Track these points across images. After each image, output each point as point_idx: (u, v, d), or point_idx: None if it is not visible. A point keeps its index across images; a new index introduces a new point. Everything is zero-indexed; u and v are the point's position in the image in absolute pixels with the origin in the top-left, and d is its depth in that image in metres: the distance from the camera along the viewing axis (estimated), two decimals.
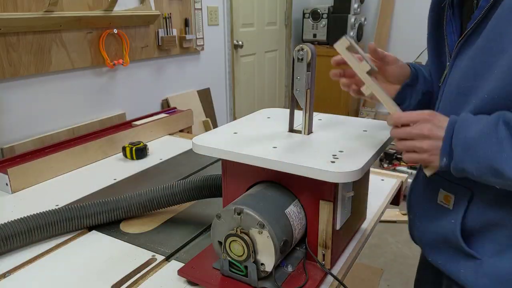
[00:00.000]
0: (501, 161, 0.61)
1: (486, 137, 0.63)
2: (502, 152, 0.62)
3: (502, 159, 0.61)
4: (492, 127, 0.63)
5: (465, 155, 0.65)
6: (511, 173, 0.61)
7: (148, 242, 0.96)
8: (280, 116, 1.03)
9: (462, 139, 0.65)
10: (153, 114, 1.86)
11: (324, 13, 3.73)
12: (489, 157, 0.63)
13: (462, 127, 0.66)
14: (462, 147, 0.65)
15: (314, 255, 0.81)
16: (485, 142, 0.63)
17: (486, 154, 0.63)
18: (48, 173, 1.33)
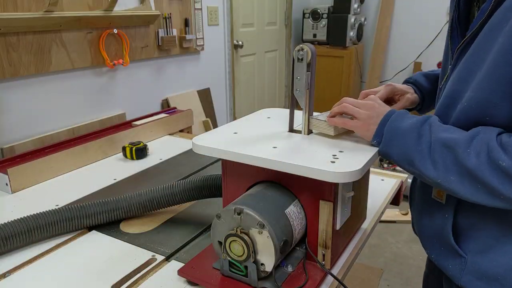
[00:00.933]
0: (415, 153, 0.71)
1: (411, 131, 0.72)
2: (418, 146, 0.71)
3: (416, 152, 0.71)
4: (419, 124, 0.73)
5: (391, 141, 0.75)
6: (419, 164, 0.71)
7: (148, 242, 0.96)
8: (280, 116, 1.03)
9: (393, 128, 0.75)
10: (153, 114, 1.86)
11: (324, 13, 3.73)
12: (408, 148, 0.72)
13: (397, 118, 0.76)
14: (391, 134, 0.75)
15: (314, 255, 0.81)
16: (409, 135, 0.72)
17: (406, 144, 0.72)
18: (48, 173, 1.33)
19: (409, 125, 0.73)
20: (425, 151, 0.70)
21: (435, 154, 0.69)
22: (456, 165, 0.66)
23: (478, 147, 0.65)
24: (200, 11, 2.42)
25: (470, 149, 0.65)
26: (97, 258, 0.91)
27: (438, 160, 0.68)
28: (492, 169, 0.63)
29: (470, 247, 0.76)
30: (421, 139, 0.71)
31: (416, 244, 2.45)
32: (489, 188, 0.64)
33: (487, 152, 0.64)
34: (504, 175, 0.62)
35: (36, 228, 0.93)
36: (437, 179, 0.69)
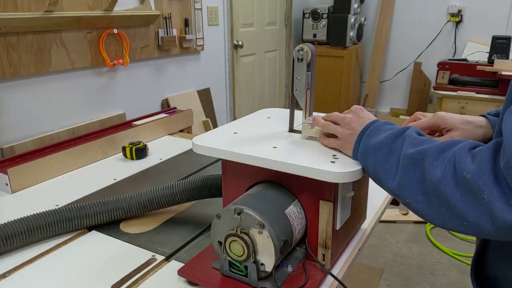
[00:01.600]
0: (382, 171, 0.66)
1: (381, 147, 0.67)
2: (385, 163, 0.66)
3: (383, 170, 0.66)
4: (391, 138, 0.67)
5: (362, 159, 0.71)
6: (386, 183, 0.66)
7: (148, 242, 0.96)
8: (280, 116, 1.03)
9: (366, 144, 0.71)
10: (153, 114, 1.86)
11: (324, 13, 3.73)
12: (376, 165, 0.68)
13: (370, 133, 0.71)
14: (361, 152, 0.71)
15: (314, 255, 0.81)
16: (379, 151, 0.68)
17: (375, 161, 0.68)
18: (48, 173, 1.33)
19: (380, 141, 0.68)
20: (392, 169, 0.64)
21: (402, 171, 0.63)
22: (421, 181, 0.60)
23: (447, 159, 0.57)
24: (200, 11, 2.42)
25: (437, 161, 0.58)
26: (97, 258, 0.91)
27: (404, 177, 0.62)
28: (455, 182, 0.54)
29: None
30: (391, 156, 0.65)
31: (416, 244, 2.45)
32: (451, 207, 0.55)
33: (454, 164, 0.55)
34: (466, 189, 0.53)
35: (36, 228, 0.93)
36: (404, 199, 0.63)
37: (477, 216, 0.52)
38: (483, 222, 0.51)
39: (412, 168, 0.62)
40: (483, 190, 0.50)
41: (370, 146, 0.69)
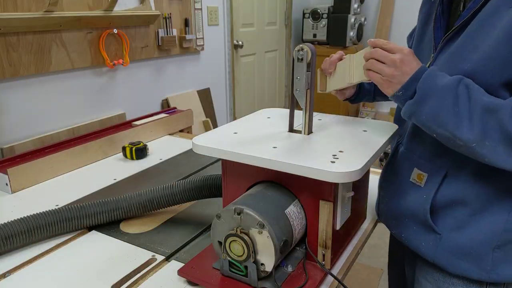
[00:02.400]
0: (451, 116, 0.69)
1: (448, 91, 0.70)
2: (455, 107, 0.69)
3: (453, 114, 0.69)
4: (455, 84, 0.70)
5: (425, 98, 0.71)
6: (453, 127, 0.69)
7: (148, 242, 0.96)
8: (280, 116, 1.04)
9: (430, 84, 0.71)
10: (153, 114, 1.87)
11: (324, 13, 3.73)
12: (443, 108, 0.70)
13: (431, 75, 0.72)
14: (428, 91, 0.71)
15: (314, 255, 0.81)
16: (446, 95, 0.70)
17: (442, 105, 0.70)
18: (48, 173, 1.33)
19: (445, 84, 0.70)
20: (462, 114, 0.68)
21: (474, 117, 0.67)
22: (497, 130, 0.66)
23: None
24: (200, 11, 2.41)
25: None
26: (97, 258, 0.91)
27: (477, 123, 0.67)
28: None
29: (446, 225, 0.80)
30: (459, 101, 0.69)
31: None
32: None
33: None
34: None
35: (36, 228, 0.93)
36: (471, 143, 0.68)
37: None
38: None
39: (486, 116, 0.67)
40: None
41: (437, 88, 0.70)
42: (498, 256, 0.75)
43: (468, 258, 0.77)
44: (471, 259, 0.77)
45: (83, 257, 0.91)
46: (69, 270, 0.87)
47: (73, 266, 0.88)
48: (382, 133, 0.89)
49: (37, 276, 0.85)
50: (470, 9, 0.75)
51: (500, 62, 0.68)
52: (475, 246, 0.76)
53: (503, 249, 0.75)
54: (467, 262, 0.77)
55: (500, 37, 0.68)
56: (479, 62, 0.71)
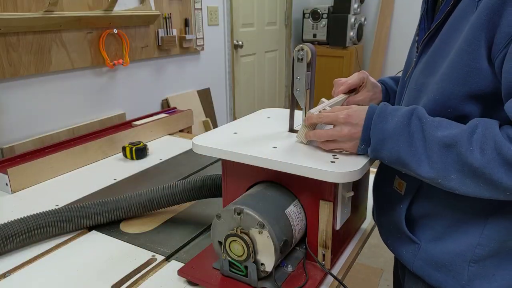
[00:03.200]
0: (408, 156, 0.67)
1: (400, 132, 0.68)
2: (411, 147, 0.67)
3: (410, 154, 0.67)
4: (406, 121, 0.68)
5: (380, 145, 0.70)
6: (414, 166, 0.67)
7: (148, 242, 0.96)
8: (280, 116, 1.03)
9: (380, 130, 0.70)
10: (153, 114, 1.87)
11: (324, 13, 3.73)
12: (399, 151, 0.68)
13: (380, 118, 0.70)
14: (378, 138, 0.70)
15: (314, 255, 0.81)
16: (398, 137, 0.68)
17: (397, 147, 0.68)
18: (48, 173, 1.33)
19: (395, 125, 0.68)
20: (419, 152, 0.66)
21: (432, 154, 0.65)
22: (457, 163, 0.63)
23: (481, 143, 0.62)
24: (200, 11, 2.41)
25: (472, 146, 0.62)
26: (97, 258, 0.91)
27: (437, 160, 0.65)
28: (501, 165, 0.60)
29: (424, 235, 0.79)
30: (413, 139, 0.67)
31: None
32: (495, 184, 0.61)
33: (494, 148, 0.60)
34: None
35: (36, 228, 0.93)
36: (437, 180, 0.66)
37: None
38: None
39: (444, 151, 0.64)
40: None
41: (389, 132, 0.69)
42: (474, 271, 0.73)
43: (444, 270, 0.75)
44: (447, 271, 0.75)
45: (83, 257, 0.91)
46: (69, 270, 0.87)
47: (73, 266, 0.88)
48: None
49: (37, 276, 0.85)
50: (441, 12, 0.72)
51: (464, 72, 0.65)
52: (451, 259, 0.74)
53: (480, 264, 0.72)
54: (443, 274, 0.76)
55: (462, 43, 0.65)
56: (445, 70, 0.68)
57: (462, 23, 0.67)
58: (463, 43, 0.65)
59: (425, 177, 0.67)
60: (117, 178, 1.33)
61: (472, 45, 0.64)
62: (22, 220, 0.92)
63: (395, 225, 0.83)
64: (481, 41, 0.63)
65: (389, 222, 0.86)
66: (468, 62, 0.65)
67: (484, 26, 0.62)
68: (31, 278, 0.84)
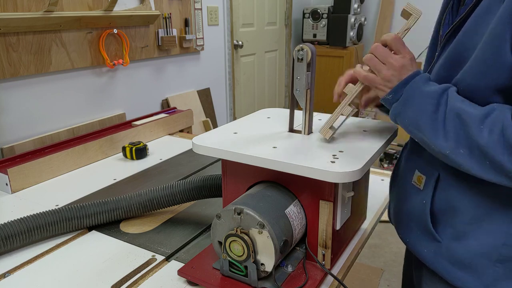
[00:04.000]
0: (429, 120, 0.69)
1: (431, 97, 0.70)
2: (434, 113, 0.69)
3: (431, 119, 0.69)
4: (440, 92, 0.70)
5: (408, 101, 0.72)
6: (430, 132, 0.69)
7: (148, 242, 0.96)
8: (280, 116, 1.03)
9: (414, 89, 0.71)
10: (153, 114, 1.87)
11: (324, 13, 3.73)
12: (423, 113, 0.70)
13: (420, 81, 0.72)
14: (410, 94, 0.72)
15: (314, 255, 0.81)
16: (428, 100, 0.70)
17: (423, 109, 0.70)
18: (48, 173, 1.33)
19: (431, 91, 0.70)
20: (439, 120, 0.68)
21: (448, 123, 0.67)
22: (467, 139, 0.65)
23: (492, 125, 0.63)
24: (200, 11, 2.41)
25: (483, 125, 0.64)
26: (97, 258, 0.91)
27: (450, 130, 0.67)
28: (504, 147, 0.61)
29: (446, 233, 0.77)
30: (439, 108, 0.69)
31: None
32: (498, 165, 0.63)
33: (501, 130, 0.62)
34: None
35: (36, 228, 0.93)
36: (445, 150, 0.67)
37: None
38: None
39: (458, 123, 0.66)
40: None
41: (423, 93, 0.70)
42: (499, 272, 0.71)
43: (468, 270, 0.74)
44: (470, 271, 0.74)
45: (83, 257, 0.91)
46: (69, 270, 0.87)
47: (73, 266, 0.88)
48: (382, 133, 0.89)
49: (37, 276, 0.85)
50: (467, 5, 0.72)
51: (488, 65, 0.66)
52: (475, 258, 0.73)
53: (506, 265, 0.70)
54: (466, 274, 0.74)
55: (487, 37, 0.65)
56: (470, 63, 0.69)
57: (488, 16, 0.66)
58: (488, 37, 0.65)
59: (437, 147, 0.68)
60: (117, 178, 1.33)
61: (497, 39, 0.63)
62: (22, 220, 0.92)
63: (417, 222, 0.82)
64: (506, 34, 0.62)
65: (409, 219, 0.84)
66: (493, 55, 0.64)
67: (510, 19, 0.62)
68: (31, 278, 0.84)
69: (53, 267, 0.88)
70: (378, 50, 0.76)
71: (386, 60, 0.75)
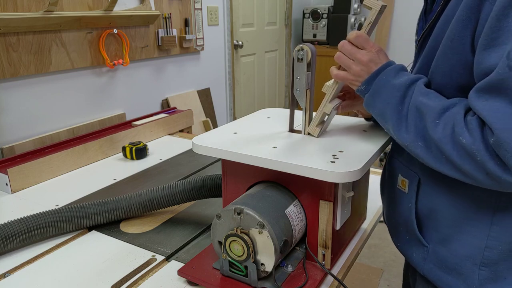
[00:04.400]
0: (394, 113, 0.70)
1: (398, 89, 0.71)
2: (399, 105, 0.70)
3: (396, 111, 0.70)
4: (408, 84, 0.71)
5: (377, 93, 0.73)
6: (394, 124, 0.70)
7: (148, 242, 0.96)
8: (280, 116, 1.03)
9: (383, 81, 0.73)
10: (153, 114, 1.87)
11: (324, 13, 3.73)
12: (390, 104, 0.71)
13: (390, 72, 0.73)
14: (379, 86, 0.73)
15: (314, 255, 0.81)
16: (395, 92, 0.71)
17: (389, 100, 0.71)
18: (48, 173, 1.33)
19: (399, 83, 0.72)
20: (403, 113, 0.70)
21: (410, 116, 0.69)
22: (424, 133, 0.66)
23: (447, 120, 0.64)
24: (200, 11, 2.41)
25: (439, 120, 0.65)
26: (97, 258, 0.91)
27: (411, 123, 0.68)
28: (453, 143, 0.63)
29: (432, 237, 0.77)
30: (404, 100, 0.70)
31: None
32: (450, 160, 0.64)
33: (453, 126, 0.63)
34: (463, 151, 0.62)
35: (36, 228, 0.93)
36: (405, 142, 0.69)
37: (472, 170, 0.62)
38: (478, 175, 0.62)
39: (418, 116, 0.67)
40: (475, 154, 0.60)
41: (389, 85, 0.72)
42: (485, 275, 0.71)
43: (454, 274, 0.74)
44: (457, 274, 0.74)
45: (83, 257, 0.91)
46: (69, 270, 0.87)
47: (73, 266, 0.88)
48: (382, 133, 0.89)
49: (37, 276, 0.85)
50: (434, 11, 0.74)
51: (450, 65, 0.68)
52: (460, 262, 0.73)
53: (491, 268, 0.70)
54: (453, 278, 0.74)
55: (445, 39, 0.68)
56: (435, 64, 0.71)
57: (451, 21, 0.68)
58: (446, 39, 0.68)
59: (399, 138, 0.70)
60: (117, 178, 1.33)
61: (455, 40, 0.66)
62: (22, 220, 0.92)
63: (404, 226, 0.82)
64: (465, 36, 0.65)
65: (398, 223, 0.85)
66: (453, 55, 0.67)
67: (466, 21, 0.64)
68: (31, 278, 0.84)
69: (53, 267, 0.88)
70: (344, 48, 0.78)
71: (354, 56, 0.76)
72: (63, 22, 1.58)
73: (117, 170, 1.40)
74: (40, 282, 0.83)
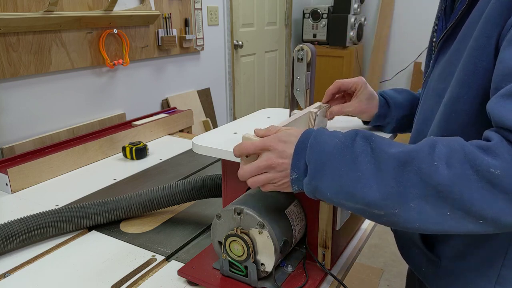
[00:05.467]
0: (353, 182, 0.55)
1: (341, 152, 0.57)
2: (356, 171, 0.55)
3: (354, 180, 0.55)
4: (349, 141, 0.57)
5: (320, 171, 0.57)
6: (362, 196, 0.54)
7: (148, 242, 0.96)
8: (280, 116, 1.03)
9: (319, 152, 0.58)
10: (153, 114, 1.87)
11: (324, 13, 3.73)
12: (342, 176, 0.56)
13: (317, 140, 0.59)
14: (314, 167, 0.58)
15: (314, 255, 0.81)
16: (340, 159, 0.56)
17: (339, 171, 0.56)
18: (48, 173, 1.33)
19: (335, 145, 0.58)
20: (366, 176, 0.54)
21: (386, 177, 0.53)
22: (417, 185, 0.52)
23: (446, 157, 0.51)
24: (200, 11, 2.41)
25: (436, 161, 0.51)
26: (97, 258, 0.91)
27: (391, 184, 0.53)
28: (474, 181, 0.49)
29: (444, 252, 0.72)
30: (357, 161, 0.55)
31: None
32: (464, 207, 0.50)
33: (465, 160, 0.50)
34: (491, 186, 0.48)
35: (36, 228, 0.93)
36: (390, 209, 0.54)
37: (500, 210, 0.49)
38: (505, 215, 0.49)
39: (401, 171, 0.53)
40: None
41: (326, 155, 0.57)
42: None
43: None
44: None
45: (83, 257, 0.91)
46: (69, 270, 0.87)
47: (73, 266, 0.88)
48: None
49: (37, 276, 0.85)
50: (457, 10, 0.66)
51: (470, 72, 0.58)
52: (474, 279, 0.68)
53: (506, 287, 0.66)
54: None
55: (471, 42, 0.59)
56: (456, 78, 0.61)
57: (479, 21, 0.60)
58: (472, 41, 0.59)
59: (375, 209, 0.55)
60: (117, 178, 1.33)
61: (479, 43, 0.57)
62: (22, 220, 0.92)
63: (411, 238, 0.77)
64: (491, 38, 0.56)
65: (404, 233, 0.80)
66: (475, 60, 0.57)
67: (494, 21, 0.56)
68: (31, 278, 0.84)
69: (53, 267, 0.88)
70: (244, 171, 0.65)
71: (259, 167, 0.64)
72: (63, 22, 1.58)
73: (117, 170, 1.40)
74: (40, 282, 0.83)
